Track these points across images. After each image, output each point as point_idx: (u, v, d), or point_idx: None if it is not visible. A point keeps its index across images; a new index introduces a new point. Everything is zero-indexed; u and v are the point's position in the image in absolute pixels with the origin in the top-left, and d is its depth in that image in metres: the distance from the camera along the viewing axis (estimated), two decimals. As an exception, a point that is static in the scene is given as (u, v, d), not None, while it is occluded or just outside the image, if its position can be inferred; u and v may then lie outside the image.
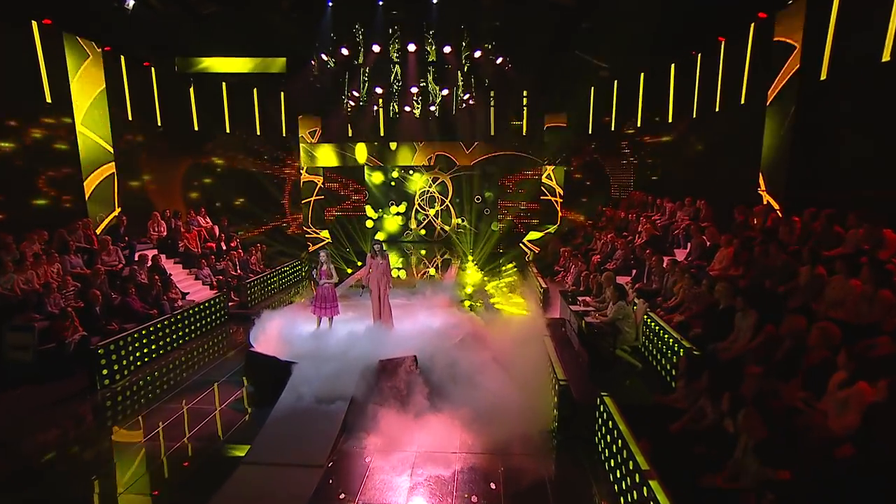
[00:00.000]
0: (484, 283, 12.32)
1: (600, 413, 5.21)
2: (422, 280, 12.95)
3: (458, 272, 13.79)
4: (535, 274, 12.31)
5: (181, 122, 14.31)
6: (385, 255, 7.54)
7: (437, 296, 9.33)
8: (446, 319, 7.72)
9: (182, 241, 11.76)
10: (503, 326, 7.96)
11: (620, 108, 15.81)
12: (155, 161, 12.94)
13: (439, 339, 6.86)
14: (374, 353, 6.38)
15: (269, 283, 12.25)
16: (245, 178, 16.03)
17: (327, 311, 7.48)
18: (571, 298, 8.93)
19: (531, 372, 6.47)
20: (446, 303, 8.96)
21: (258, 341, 7.17)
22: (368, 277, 7.50)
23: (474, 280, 12.93)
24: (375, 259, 7.48)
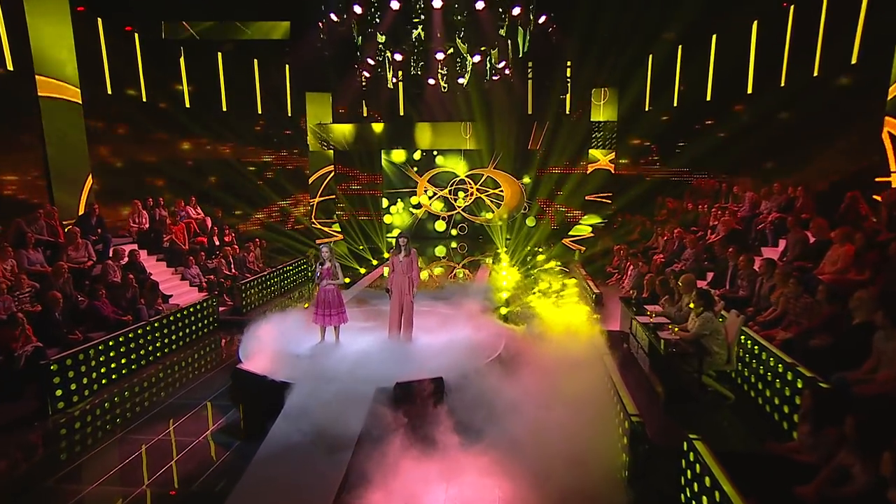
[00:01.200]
0: (523, 288, 12.01)
1: (689, 462, 4.47)
2: (449, 283, 12.77)
3: (491, 274, 13.48)
4: (584, 276, 11.89)
5: (169, 97, 14.04)
6: (409, 251, 7.05)
7: (466, 302, 9.00)
8: (479, 332, 7.23)
9: (167, 235, 11.41)
10: (550, 341, 7.42)
11: (686, 79, 15.17)
12: (138, 141, 12.64)
13: (471, 356, 6.36)
14: (390, 375, 5.91)
15: (268, 285, 11.98)
16: (243, 163, 16.07)
17: (332, 318, 6.99)
18: (637, 307, 8.10)
19: (588, 402, 5.86)
20: (478, 311, 8.56)
21: (249, 356, 6.67)
22: (392, 279, 7.07)
23: (511, 284, 12.57)
24: (397, 256, 7.00)
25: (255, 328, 7.28)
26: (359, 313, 8.13)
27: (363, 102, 18.46)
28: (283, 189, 17.66)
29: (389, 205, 19.38)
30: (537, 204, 18.56)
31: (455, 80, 17.13)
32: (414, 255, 7.09)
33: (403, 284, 7.04)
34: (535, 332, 7.76)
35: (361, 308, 8.52)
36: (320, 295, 6.98)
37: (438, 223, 19.28)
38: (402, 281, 7.03)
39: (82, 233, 9.41)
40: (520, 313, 9.54)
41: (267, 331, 7.19)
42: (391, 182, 19.27)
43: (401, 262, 7.01)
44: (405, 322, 7.10)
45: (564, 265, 14.02)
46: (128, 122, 12.64)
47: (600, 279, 11.92)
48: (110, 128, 12.13)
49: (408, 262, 7.03)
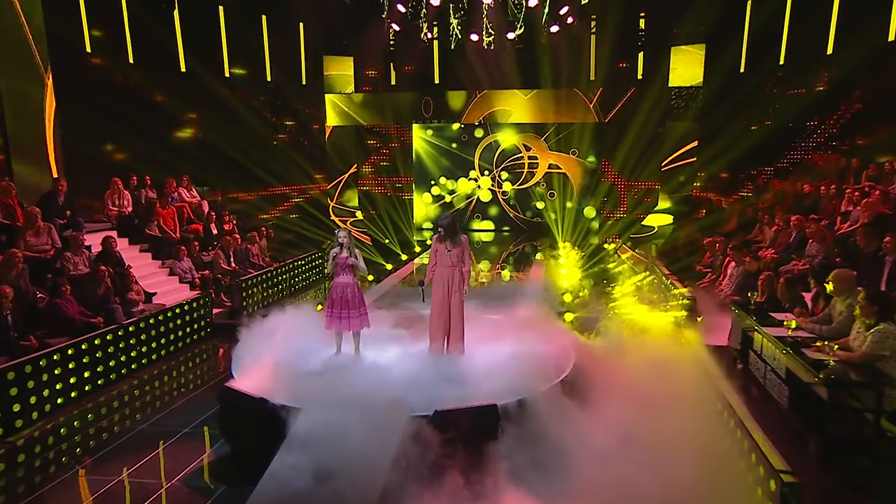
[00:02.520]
0: (593, 289, 11.64)
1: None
2: (495, 280, 12.79)
3: (548, 271, 13.35)
4: (667, 276, 11.30)
5: (162, 59, 13.79)
6: (459, 238, 6.59)
7: (521, 306, 8.61)
8: (540, 345, 6.78)
9: (154, 221, 11.10)
10: (636, 359, 6.63)
11: (796, 29, 14.34)
12: (121, 108, 12.26)
13: (531, 377, 5.91)
14: (427, 399, 5.47)
15: (275, 283, 11.76)
16: (250, 138, 15.90)
17: (349, 322, 6.54)
18: (761, 316, 7.16)
19: (699, 446, 5.13)
20: (537, 317, 8.08)
21: (243, 370, 6.24)
22: (433, 272, 6.70)
23: (574, 283, 12.25)
24: (443, 244, 6.54)
25: (253, 334, 6.86)
26: (385, 316, 7.77)
27: (391, 66, 18.40)
28: (296, 170, 17.52)
29: (426, 190, 19.61)
30: (608, 185, 18.35)
31: (504, 34, 16.68)
32: (466, 243, 6.65)
33: (451, 281, 6.57)
34: (615, 347, 7.16)
35: (389, 310, 8.16)
36: (335, 291, 6.53)
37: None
38: (450, 276, 6.57)
39: (46, 215, 9.01)
40: (591, 321, 9.04)
41: (267, 338, 6.77)
42: (422, 165, 19.35)
43: (448, 252, 6.55)
44: (454, 331, 6.61)
45: (639, 262, 13.89)
46: (109, 86, 12.34)
47: (688, 279, 11.24)
48: (87, 92, 11.77)
49: (458, 251, 6.57)
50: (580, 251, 15.20)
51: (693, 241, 13.79)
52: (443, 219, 6.65)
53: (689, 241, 14.00)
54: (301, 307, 8.58)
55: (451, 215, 6.85)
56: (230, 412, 5.97)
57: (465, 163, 19.19)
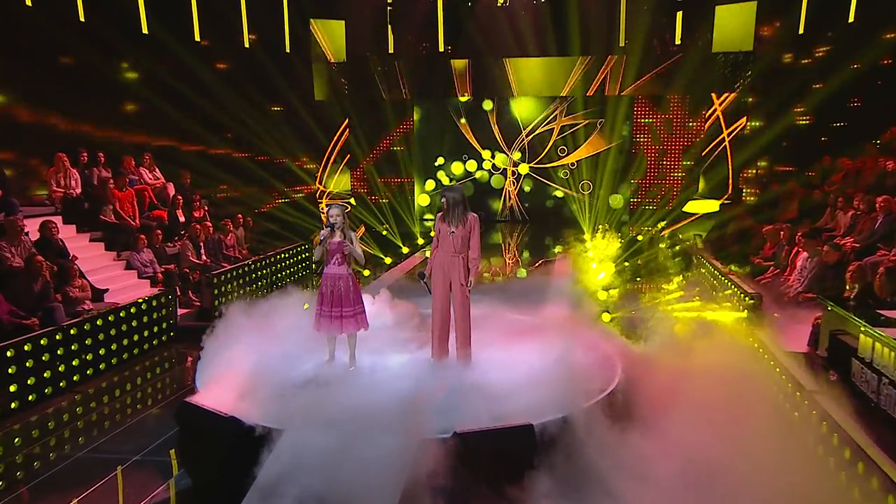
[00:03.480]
0: (630, 284, 11.65)
1: None
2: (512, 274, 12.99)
3: (575, 264, 13.32)
4: (720, 270, 11.15)
5: (120, 20, 13.38)
6: (466, 216, 6.33)
7: (546, 303, 8.59)
8: (576, 349, 6.57)
9: (108, 205, 10.87)
10: (698, 367, 6.42)
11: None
12: (67, 75, 12.06)
13: (569, 391, 5.68)
14: (442, 419, 5.28)
15: (253, 279, 11.60)
16: (223, 113, 15.61)
17: (343, 323, 6.36)
18: (868, 315, 6.76)
19: (805, 478, 4.91)
20: (569, 317, 8.01)
21: (209, 381, 6.09)
22: (434, 260, 6.51)
23: (608, 278, 12.18)
24: (446, 223, 6.31)
25: (223, 338, 6.64)
26: (385, 313, 7.59)
27: (388, 30, 18.35)
28: (280, 151, 17.37)
29: (426, 178, 19.84)
30: (642, 169, 18.41)
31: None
32: (474, 223, 6.36)
33: (453, 270, 6.33)
34: (670, 353, 6.83)
35: (390, 307, 7.92)
36: (325, 285, 6.33)
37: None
38: (452, 265, 6.34)
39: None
40: (635, 322, 8.93)
41: (241, 342, 6.59)
42: (424, 144, 19.56)
43: (451, 234, 6.29)
44: (459, 334, 6.43)
45: (683, 252, 13.97)
46: (58, 49, 12.03)
47: (747, 273, 11.12)
48: (26, 50, 11.45)
49: (462, 234, 6.29)
50: (613, 241, 15.02)
51: (745, 229, 13.60)
52: (448, 190, 6.37)
53: (740, 230, 13.77)
54: (284, 306, 8.16)
55: (460, 187, 6.58)
56: (192, 434, 5.74)
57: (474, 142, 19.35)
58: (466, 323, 6.37)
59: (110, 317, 8.30)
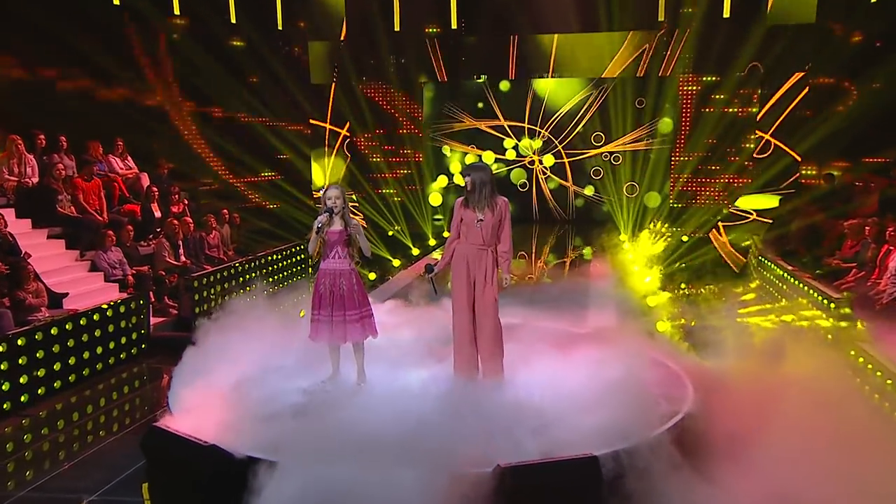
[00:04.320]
0: (683, 289, 11.73)
1: None
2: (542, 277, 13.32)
3: (615, 267, 13.65)
4: (791, 272, 11.01)
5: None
6: (495, 200, 6.31)
7: (587, 310, 9.16)
8: (633, 365, 6.56)
9: (65, 195, 10.76)
10: (788, 385, 6.31)
11: None
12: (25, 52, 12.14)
13: (631, 414, 5.68)
14: (476, 447, 5.21)
15: (241, 282, 11.44)
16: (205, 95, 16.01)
17: (346, 329, 6.31)
18: None
19: None
20: (617, 326, 8.37)
21: (187, 402, 6.06)
22: (451, 253, 6.52)
23: (657, 282, 12.20)
24: (470, 209, 6.28)
25: (204, 350, 6.72)
26: (397, 318, 7.75)
27: (394, 3, 18.34)
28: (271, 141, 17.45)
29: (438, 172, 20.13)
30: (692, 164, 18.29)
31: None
32: (505, 208, 6.33)
33: (479, 266, 6.27)
34: (749, 369, 6.78)
35: (403, 310, 8.21)
36: (321, 283, 6.25)
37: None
38: (478, 260, 6.28)
39: None
40: (699, 333, 8.70)
41: (226, 356, 6.66)
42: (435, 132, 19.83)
43: (477, 222, 6.23)
44: (486, 343, 6.35)
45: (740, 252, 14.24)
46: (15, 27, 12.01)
47: (826, 279, 10.78)
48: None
49: (492, 222, 6.23)
50: (658, 241, 15.27)
51: (814, 226, 13.29)
52: (473, 169, 6.31)
53: (807, 227, 13.44)
54: (278, 313, 8.56)
55: (486, 165, 6.64)
56: (163, 467, 5.60)
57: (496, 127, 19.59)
58: (496, 332, 6.26)
59: (68, 325, 8.03)
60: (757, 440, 5.62)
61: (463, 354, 6.37)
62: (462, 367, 6.37)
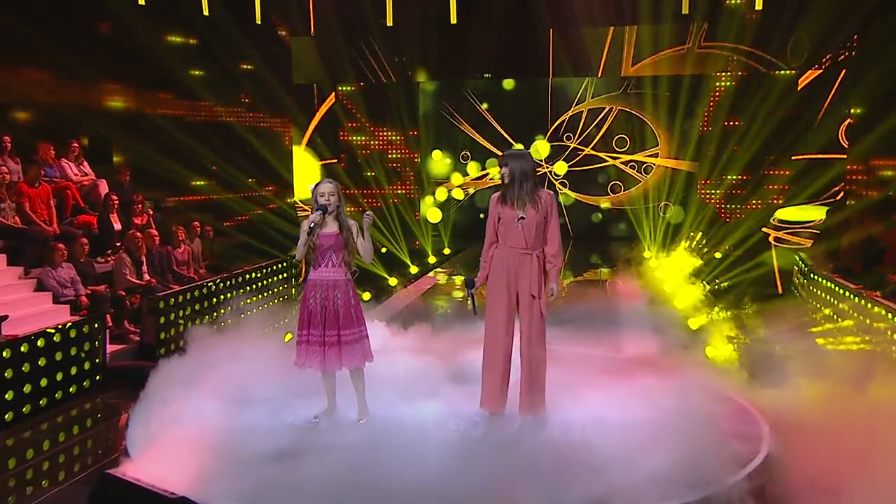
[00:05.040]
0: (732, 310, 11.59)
1: None
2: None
3: (644, 285, 13.80)
4: (853, 290, 10.75)
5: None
6: (539, 195, 6.18)
7: (623, 333, 9.41)
8: (692, 398, 6.58)
9: (8, 202, 10.45)
10: (879, 422, 6.11)
11: None
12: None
13: (699, 458, 5.60)
14: (511, 501, 5.21)
15: (213, 304, 11.16)
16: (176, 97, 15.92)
17: (339, 354, 6.19)
18: None
19: None
20: (663, 351, 8.58)
21: (149, 445, 6.00)
22: (489, 261, 6.42)
23: (698, 302, 12.12)
24: (508, 205, 6.16)
25: (169, 382, 6.75)
26: (404, 340, 7.98)
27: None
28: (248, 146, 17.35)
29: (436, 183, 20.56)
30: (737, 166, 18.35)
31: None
32: (551, 203, 6.18)
33: (523, 276, 6.13)
34: (835, 401, 6.61)
35: (411, 331, 8.34)
36: (311, 296, 6.13)
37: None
38: (520, 268, 6.14)
39: None
40: (763, 359, 8.77)
41: (197, 389, 6.66)
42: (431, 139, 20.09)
43: (517, 221, 6.09)
44: (529, 371, 6.20)
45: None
46: None
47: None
48: None
49: (536, 220, 6.08)
50: (691, 257, 15.07)
51: (871, 240, 13.07)
52: (513, 158, 6.15)
53: (864, 241, 13.25)
54: (259, 338, 8.74)
55: (527, 152, 6.57)
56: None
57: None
58: (542, 356, 6.13)
59: (5, 352, 7.56)
60: (860, 489, 5.28)
61: (493, 383, 6.15)
62: (491, 398, 6.16)
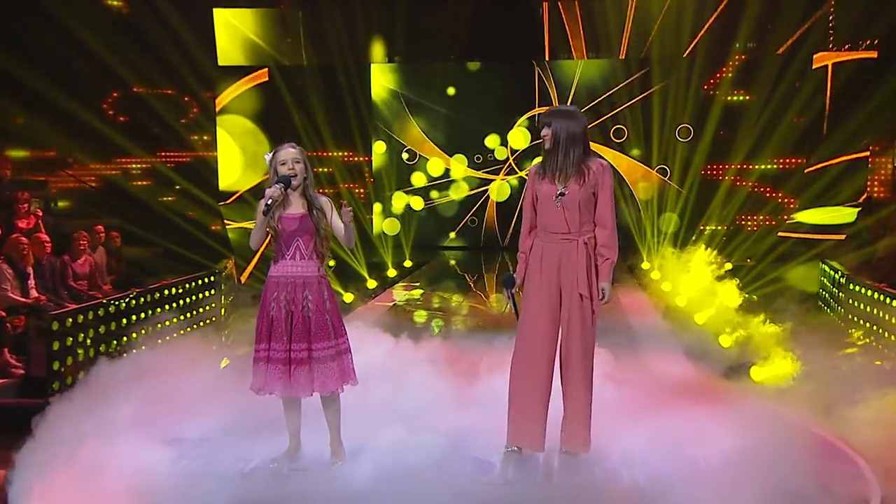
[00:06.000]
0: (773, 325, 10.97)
1: None
2: None
3: (656, 298, 14.11)
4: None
5: None
6: (589, 165, 5.88)
7: (643, 352, 9.67)
8: (764, 432, 6.32)
9: None
10: None
11: None
12: None
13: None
14: None
15: (123, 327, 10.73)
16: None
17: (311, 373, 5.73)
18: None
19: None
20: (703, 375, 8.68)
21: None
22: (528, 250, 6.09)
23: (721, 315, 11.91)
24: (548, 178, 5.90)
25: (65, 424, 6.33)
26: (391, 348, 8.20)
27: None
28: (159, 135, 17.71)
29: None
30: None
31: None
32: (603, 175, 5.82)
33: (568, 268, 5.81)
34: None
35: (403, 342, 8.43)
36: (274, 298, 5.74)
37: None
38: (565, 259, 5.82)
39: None
40: (822, 382, 8.30)
41: (103, 430, 6.18)
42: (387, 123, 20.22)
43: (556, 198, 5.73)
44: (575, 397, 5.88)
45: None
46: None
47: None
48: None
49: (582, 197, 5.74)
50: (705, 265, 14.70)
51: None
52: (558, 116, 5.78)
53: None
54: (184, 363, 8.23)
55: (578, 112, 6.11)
56: None
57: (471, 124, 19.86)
58: (589, 375, 5.79)
59: None
60: None
61: (527, 411, 5.69)
62: (524, 432, 5.71)
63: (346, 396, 5.93)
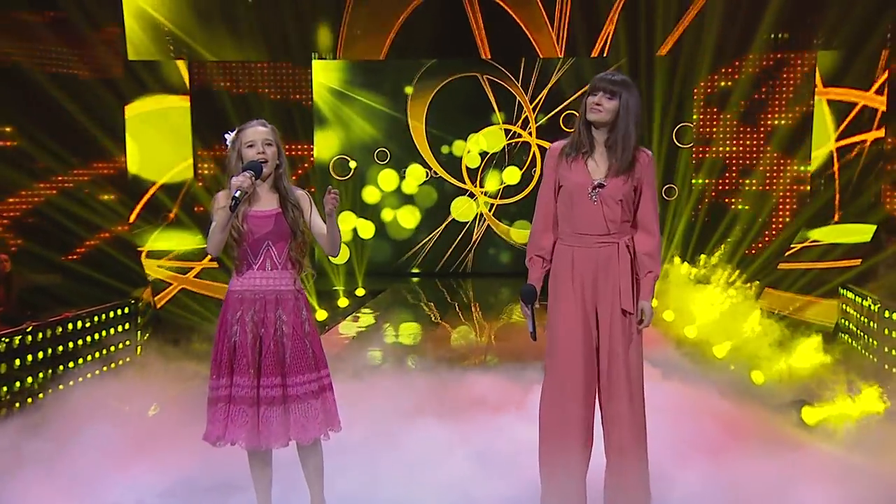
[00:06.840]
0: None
1: None
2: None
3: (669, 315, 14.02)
4: None
5: None
6: (635, 153, 5.53)
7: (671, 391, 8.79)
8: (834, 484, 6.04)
9: None
10: None
11: None
12: None
13: None
14: None
15: (20, 368, 10.33)
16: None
17: (286, 416, 5.39)
18: None
19: None
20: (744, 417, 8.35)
21: None
22: (549, 257, 5.79)
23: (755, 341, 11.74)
24: (578, 161, 5.61)
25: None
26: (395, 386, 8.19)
27: None
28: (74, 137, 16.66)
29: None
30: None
31: None
32: (647, 167, 5.56)
33: (608, 278, 5.49)
34: None
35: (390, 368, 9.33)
36: (232, 318, 5.40)
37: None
38: (603, 266, 5.52)
39: None
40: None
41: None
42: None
43: (592, 191, 5.49)
44: (625, 438, 5.48)
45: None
46: None
47: None
48: None
49: (624, 190, 5.46)
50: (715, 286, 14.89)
51: None
52: (622, 84, 5.45)
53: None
54: (103, 411, 8.05)
55: (627, 79, 5.75)
56: None
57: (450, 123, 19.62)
58: (640, 411, 5.37)
59: None
60: None
61: (561, 457, 5.30)
62: (562, 485, 5.34)
63: (339, 441, 5.52)
